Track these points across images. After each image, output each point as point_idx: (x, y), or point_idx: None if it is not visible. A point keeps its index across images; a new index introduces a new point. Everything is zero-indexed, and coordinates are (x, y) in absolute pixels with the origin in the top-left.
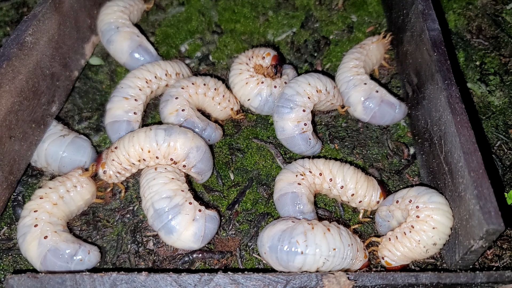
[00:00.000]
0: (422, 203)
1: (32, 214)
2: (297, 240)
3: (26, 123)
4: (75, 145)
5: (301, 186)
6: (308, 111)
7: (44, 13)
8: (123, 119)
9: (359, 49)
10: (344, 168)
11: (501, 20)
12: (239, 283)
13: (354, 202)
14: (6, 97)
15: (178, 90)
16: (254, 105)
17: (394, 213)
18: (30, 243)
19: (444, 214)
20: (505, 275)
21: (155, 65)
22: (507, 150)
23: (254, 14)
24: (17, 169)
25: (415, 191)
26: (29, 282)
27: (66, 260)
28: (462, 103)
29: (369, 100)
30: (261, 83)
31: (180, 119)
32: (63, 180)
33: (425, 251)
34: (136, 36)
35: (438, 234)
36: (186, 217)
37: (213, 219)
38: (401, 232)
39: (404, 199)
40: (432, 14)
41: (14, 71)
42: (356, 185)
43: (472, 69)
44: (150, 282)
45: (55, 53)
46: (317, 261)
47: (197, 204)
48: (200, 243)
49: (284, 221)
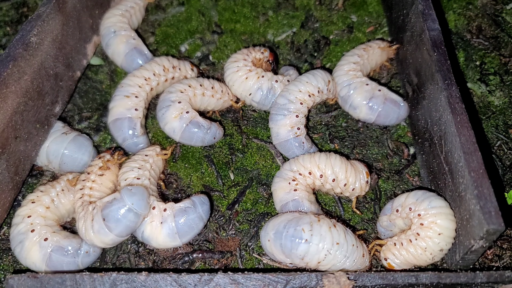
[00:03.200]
0: (423, 210)
1: (26, 220)
2: (303, 228)
3: (31, 124)
4: (77, 142)
5: (298, 191)
6: (302, 116)
7: (48, 13)
8: (125, 116)
9: (362, 51)
10: (331, 160)
11: (501, 20)
12: (239, 283)
13: (348, 191)
14: (12, 98)
15: (178, 94)
16: (256, 99)
17: (395, 222)
18: (30, 249)
19: (447, 217)
20: (505, 275)
21: (152, 63)
22: (507, 150)
23: (254, 14)
24: (22, 169)
25: (413, 197)
26: (29, 282)
27: (72, 255)
28: (462, 103)
29: (373, 100)
30: (262, 77)
31: (184, 122)
32: (53, 183)
33: (431, 258)
34: (132, 39)
35: (444, 239)
36: (154, 224)
37: (186, 209)
38: (407, 239)
39: (404, 208)
40: (432, 14)
41: (20, 71)
42: (346, 174)
43: (472, 69)
44: (150, 282)
45: (59, 53)
46: (319, 252)
47: (162, 205)
48: (181, 239)
49: (290, 213)
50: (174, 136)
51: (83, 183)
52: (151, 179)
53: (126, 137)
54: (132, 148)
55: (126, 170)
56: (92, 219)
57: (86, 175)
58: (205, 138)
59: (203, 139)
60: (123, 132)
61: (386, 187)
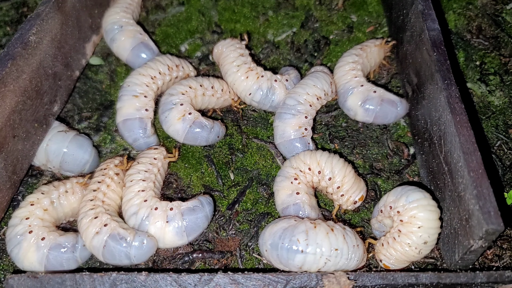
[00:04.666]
0: (401, 206)
1: (24, 221)
2: (298, 238)
3: (29, 123)
4: (78, 141)
5: (300, 195)
6: (310, 118)
7: (48, 12)
8: (136, 117)
9: (359, 50)
10: (333, 160)
11: (501, 20)
12: (239, 283)
13: (337, 194)
14: (10, 97)
15: (180, 96)
16: (256, 99)
17: (384, 222)
18: (28, 250)
19: (425, 208)
20: (505, 275)
21: (156, 62)
22: (507, 150)
23: (254, 14)
24: (20, 168)
25: (392, 195)
26: (29, 282)
27: (70, 250)
28: (462, 103)
29: (369, 102)
30: (261, 76)
31: (188, 123)
32: (58, 184)
33: (417, 252)
34: (139, 34)
35: (425, 231)
36: (158, 224)
37: (194, 209)
38: (391, 237)
39: (385, 207)
40: (432, 14)
41: (18, 70)
42: (343, 179)
43: (472, 69)
44: (150, 282)
45: (58, 52)
46: (317, 261)
47: (165, 204)
48: (188, 237)
49: (287, 220)
50: (178, 138)
51: (98, 184)
52: (156, 183)
53: (137, 137)
54: (143, 147)
55: (133, 172)
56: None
57: (101, 176)
58: (209, 138)
59: (207, 139)
60: (134, 133)
61: (386, 187)
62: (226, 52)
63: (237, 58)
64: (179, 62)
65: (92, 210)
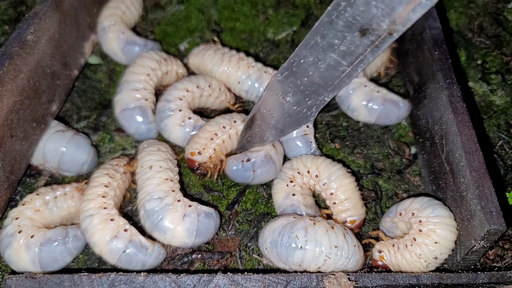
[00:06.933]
0: (424, 217)
1: (14, 222)
2: (296, 234)
3: (27, 122)
4: (76, 141)
5: (296, 196)
6: None
7: (45, 11)
8: (136, 105)
9: None
10: (333, 167)
11: (503, 18)
12: (239, 284)
13: (329, 201)
14: (8, 96)
15: (177, 102)
16: (244, 88)
17: (398, 224)
18: (19, 250)
19: (448, 228)
20: (506, 275)
21: (145, 59)
22: (509, 150)
23: (254, 12)
24: (18, 168)
25: (418, 203)
26: (27, 283)
27: (62, 242)
28: (463, 102)
29: (372, 102)
30: (252, 67)
31: (189, 128)
32: (56, 187)
33: (425, 265)
34: (121, 33)
35: (440, 248)
36: (176, 214)
37: (209, 215)
38: (403, 244)
39: (407, 212)
40: (433, 12)
41: (16, 69)
42: (339, 188)
43: (474, 68)
44: (149, 283)
45: (56, 51)
46: (316, 258)
47: (187, 200)
48: (194, 238)
49: (286, 217)
50: (180, 143)
51: (110, 179)
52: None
53: (138, 125)
54: (144, 135)
55: (160, 159)
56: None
57: (113, 171)
58: None
59: None
60: (136, 121)
61: (387, 187)
62: (208, 52)
63: (221, 53)
64: (166, 57)
65: (105, 209)
